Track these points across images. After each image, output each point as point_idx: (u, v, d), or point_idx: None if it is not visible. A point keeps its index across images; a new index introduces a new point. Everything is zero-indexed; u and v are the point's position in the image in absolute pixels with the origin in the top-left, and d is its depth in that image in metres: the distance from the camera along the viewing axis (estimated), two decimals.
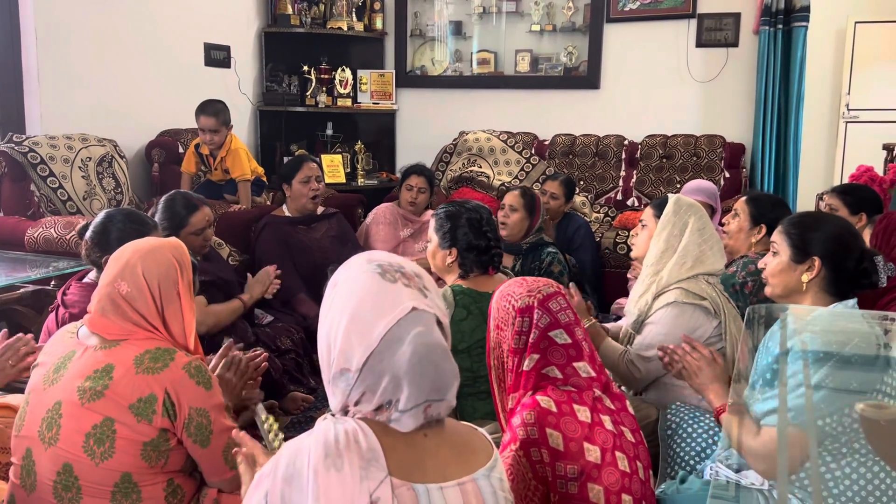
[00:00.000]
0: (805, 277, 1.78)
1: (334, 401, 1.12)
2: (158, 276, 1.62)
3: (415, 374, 1.06)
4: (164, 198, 2.78)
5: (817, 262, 1.76)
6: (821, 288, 1.77)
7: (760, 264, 1.94)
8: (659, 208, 2.34)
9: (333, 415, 1.12)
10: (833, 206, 2.99)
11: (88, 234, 2.22)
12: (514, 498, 1.24)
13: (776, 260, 1.85)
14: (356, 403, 1.09)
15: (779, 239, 1.86)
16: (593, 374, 1.61)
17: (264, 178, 4.30)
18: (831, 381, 1.44)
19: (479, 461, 1.16)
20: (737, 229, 2.74)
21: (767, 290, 1.90)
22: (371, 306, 1.08)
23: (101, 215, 2.25)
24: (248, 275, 3.16)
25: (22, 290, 2.97)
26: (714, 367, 1.96)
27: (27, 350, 1.95)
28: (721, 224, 2.99)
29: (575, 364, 1.59)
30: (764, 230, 2.66)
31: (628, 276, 2.97)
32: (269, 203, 4.25)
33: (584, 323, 1.79)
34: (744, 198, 2.83)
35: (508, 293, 1.66)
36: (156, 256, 1.65)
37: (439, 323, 1.12)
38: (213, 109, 3.88)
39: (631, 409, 1.65)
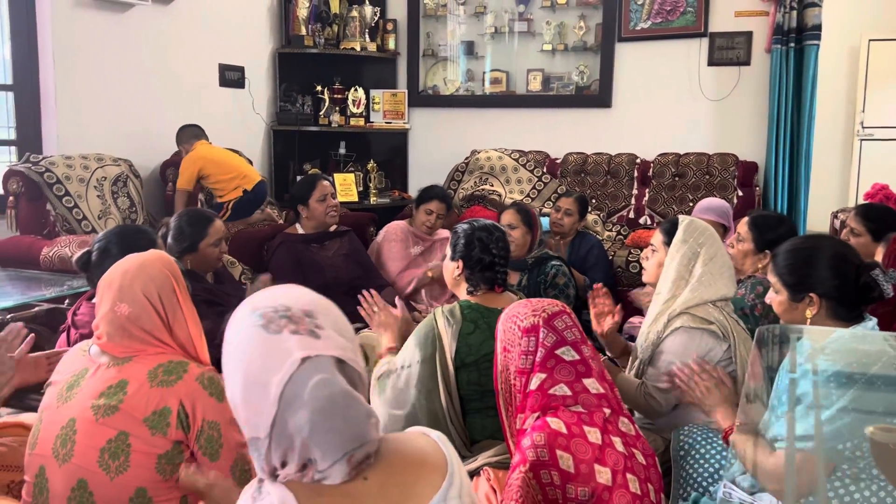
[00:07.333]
0: (808, 313, 1.78)
1: (258, 465, 1.04)
2: (158, 289, 1.63)
3: (323, 433, 0.98)
4: (175, 216, 2.83)
5: (816, 298, 1.76)
6: (827, 316, 1.76)
7: (767, 299, 1.94)
8: (668, 234, 2.29)
9: (262, 480, 1.04)
10: (856, 231, 2.89)
11: (94, 258, 2.17)
12: None
13: (777, 299, 1.86)
14: (282, 465, 1.01)
15: (773, 280, 1.87)
16: (602, 390, 1.60)
17: (249, 187, 4.20)
18: (851, 403, 1.42)
19: (432, 485, 1.07)
20: (742, 255, 2.69)
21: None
22: (260, 366, 1.00)
23: (96, 240, 2.22)
24: (247, 283, 3.14)
25: (37, 309, 2.99)
26: (722, 389, 1.97)
27: (20, 341, 1.98)
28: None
29: (584, 381, 1.59)
30: (770, 256, 2.62)
31: (629, 294, 2.93)
32: (281, 220, 4.25)
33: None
34: (746, 219, 2.76)
35: (514, 314, 1.67)
36: (149, 271, 1.65)
37: (340, 362, 1.02)
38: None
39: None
